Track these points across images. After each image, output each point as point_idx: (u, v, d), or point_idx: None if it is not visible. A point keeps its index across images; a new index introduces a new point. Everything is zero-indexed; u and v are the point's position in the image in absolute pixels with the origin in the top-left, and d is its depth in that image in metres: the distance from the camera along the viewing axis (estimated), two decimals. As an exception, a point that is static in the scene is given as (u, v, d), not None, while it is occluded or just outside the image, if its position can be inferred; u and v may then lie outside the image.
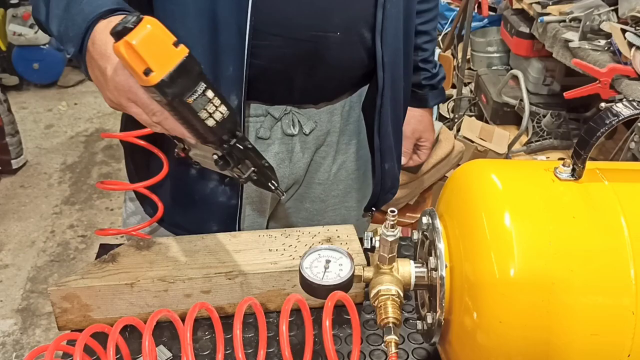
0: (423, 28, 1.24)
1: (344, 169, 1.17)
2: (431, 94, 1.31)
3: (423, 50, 1.26)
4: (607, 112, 0.66)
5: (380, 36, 1.01)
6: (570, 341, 0.63)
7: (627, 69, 1.86)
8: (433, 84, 1.29)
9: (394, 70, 1.07)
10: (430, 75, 1.28)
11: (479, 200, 0.69)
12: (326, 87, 1.06)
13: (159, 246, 0.96)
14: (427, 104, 1.32)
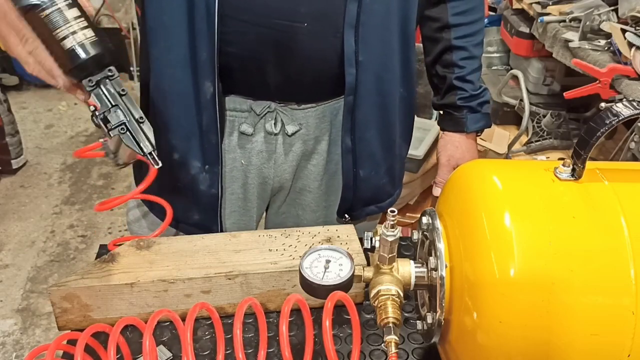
0: (458, 43, 1.16)
1: (335, 178, 1.14)
2: (470, 117, 1.19)
3: (459, 68, 1.16)
4: (607, 112, 0.66)
5: (355, 31, 0.97)
6: (570, 341, 0.63)
7: (627, 69, 1.86)
8: (471, 105, 1.18)
9: (379, 72, 1.03)
10: (468, 95, 1.18)
11: (479, 200, 0.69)
12: (301, 82, 1.02)
13: (159, 246, 0.96)
14: (465, 128, 1.20)
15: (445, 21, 1.16)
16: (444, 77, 1.19)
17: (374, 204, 1.17)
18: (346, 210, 1.14)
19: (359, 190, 1.11)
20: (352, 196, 1.12)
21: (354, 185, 1.10)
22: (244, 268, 0.91)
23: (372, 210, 1.17)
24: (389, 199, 1.20)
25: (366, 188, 1.12)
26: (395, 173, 1.19)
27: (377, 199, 1.17)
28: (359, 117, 1.04)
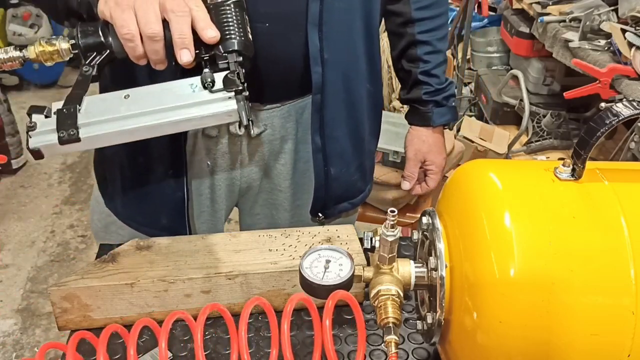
0: (422, 38, 1.16)
1: (306, 176, 1.13)
2: (436, 112, 1.20)
3: (424, 62, 1.17)
4: (607, 112, 0.66)
5: (319, 30, 0.95)
6: (570, 341, 0.63)
7: (627, 69, 1.86)
8: (437, 100, 1.19)
9: (347, 71, 1.02)
10: (434, 90, 1.19)
11: (479, 200, 0.69)
12: (266, 83, 1.00)
13: (159, 246, 0.96)
14: (431, 123, 1.21)
15: (408, 16, 1.16)
16: (410, 71, 1.19)
17: (346, 200, 1.16)
18: (319, 209, 1.13)
19: (330, 188, 1.10)
20: (324, 195, 1.11)
21: (325, 184, 1.09)
22: (244, 268, 0.91)
23: (345, 207, 1.16)
24: (361, 194, 1.20)
25: (338, 186, 1.11)
26: (365, 169, 1.19)
27: (349, 195, 1.16)
28: (328, 116, 1.03)
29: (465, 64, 3.06)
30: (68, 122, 0.71)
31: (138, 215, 1.11)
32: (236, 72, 0.75)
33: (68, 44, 0.77)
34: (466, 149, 2.36)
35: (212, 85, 0.74)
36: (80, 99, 0.74)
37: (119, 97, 0.75)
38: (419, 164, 1.26)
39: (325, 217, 1.14)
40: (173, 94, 0.74)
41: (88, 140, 0.72)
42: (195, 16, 0.74)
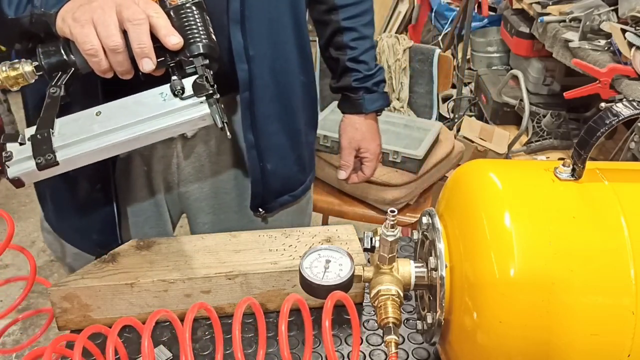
0: (347, 24, 1.15)
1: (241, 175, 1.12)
2: (367, 98, 1.20)
3: (351, 49, 1.16)
4: (607, 112, 0.66)
5: (241, 27, 0.93)
6: (570, 341, 0.63)
7: (627, 69, 1.87)
8: (367, 86, 1.19)
9: (273, 64, 1.00)
10: (363, 76, 1.18)
11: (479, 200, 0.69)
12: None
13: (159, 246, 0.96)
14: (363, 110, 1.21)
15: (331, 3, 1.15)
16: (337, 59, 1.18)
17: (287, 193, 1.15)
18: (259, 205, 1.12)
19: (268, 183, 1.09)
20: (262, 190, 1.09)
21: (262, 179, 1.08)
22: (244, 268, 0.91)
23: (286, 200, 1.15)
24: (302, 186, 1.18)
25: (276, 180, 1.10)
26: (304, 161, 1.17)
27: (289, 188, 1.15)
28: (259, 112, 1.01)
29: (465, 64, 3.07)
30: (44, 148, 0.72)
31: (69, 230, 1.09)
32: (204, 76, 0.75)
33: (31, 66, 0.76)
34: (466, 149, 2.36)
35: (182, 92, 0.74)
36: (52, 122, 0.74)
37: (91, 115, 0.75)
38: (354, 152, 1.26)
39: (266, 212, 1.13)
40: (145, 106, 0.75)
41: (66, 163, 0.73)
42: (155, 24, 0.74)
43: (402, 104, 2.19)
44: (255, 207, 1.11)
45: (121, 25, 0.73)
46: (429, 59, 2.12)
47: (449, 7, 3.48)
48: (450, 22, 3.32)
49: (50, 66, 0.76)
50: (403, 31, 4.26)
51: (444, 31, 3.37)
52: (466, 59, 3.06)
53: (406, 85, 2.17)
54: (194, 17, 0.77)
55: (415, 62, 2.15)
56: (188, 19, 0.77)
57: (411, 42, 2.16)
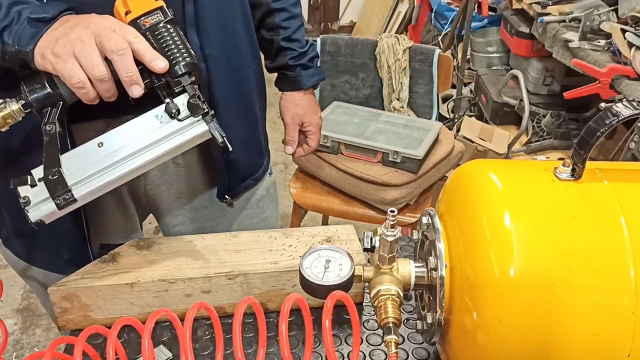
0: (277, 5, 1.19)
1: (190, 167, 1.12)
2: (304, 74, 1.24)
3: (283, 29, 1.20)
4: (607, 112, 0.66)
5: (196, 28, 0.95)
6: (570, 341, 0.63)
7: (627, 69, 1.87)
8: (303, 63, 1.23)
9: (230, 61, 1.02)
10: (298, 54, 1.22)
11: (479, 200, 0.69)
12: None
13: (159, 246, 0.96)
14: (302, 85, 1.25)
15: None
16: (271, 40, 1.22)
17: (249, 178, 1.18)
18: (225, 193, 1.14)
19: (232, 172, 1.11)
20: (228, 180, 1.12)
21: (227, 170, 1.10)
22: (244, 268, 0.91)
23: (249, 183, 1.18)
24: (261, 168, 1.22)
25: (239, 168, 1.13)
26: (262, 145, 1.21)
27: (251, 173, 1.18)
28: (219, 107, 1.02)
29: (465, 64, 3.07)
30: (59, 188, 0.74)
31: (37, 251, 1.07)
32: (195, 94, 0.76)
33: (18, 104, 0.75)
34: (466, 149, 2.36)
35: (178, 113, 0.76)
36: (58, 160, 0.75)
37: (94, 147, 0.77)
38: (298, 127, 1.31)
39: (232, 198, 1.16)
40: (144, 131, 0.77)
41: (83, 198, 0.76)
42: (137, 49, 0.74)
43: (402, 104, 2.19)
44: (222, 195, 1.14)
45: (102, 54, 0.74)
46: (429, 59, 2.12)
47: (449, 7, 3.48)
48: (450, 22, 3.32)
49: (38, 102, 0.76)
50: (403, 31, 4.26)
51: (444, 31, 3.37)
52: (466, 59, 3.06)
53: (406, 85, 2.17)
54: (171, 36, 0.78)
55: (415, 62, 2.14)
56: (165, 39, 0.78)
57: (411, 42, 2.15)
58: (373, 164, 1.89)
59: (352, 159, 1.91)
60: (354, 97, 2.25)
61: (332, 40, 2.19)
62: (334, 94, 2.26)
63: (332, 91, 2.26)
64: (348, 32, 4.93)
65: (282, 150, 1.38)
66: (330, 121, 2.02)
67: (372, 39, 2.19)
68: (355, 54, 2.19)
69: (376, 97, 2.24)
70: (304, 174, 2.05)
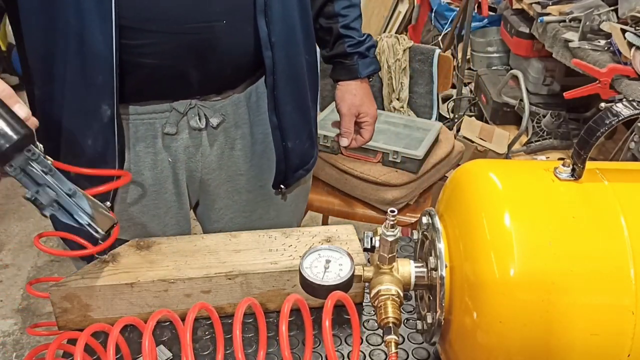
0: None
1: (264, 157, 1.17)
2: (361, 63, 1.24)
3: (343, 17, 1.21)
4: (607, 112, 0.66)
5: (265, 16, 0.98)
6: (570, 341, 0.63)
7: (627, 69, 1.87)
8: (360, 51, 1.24)
9: (288, 48, 1.05)
10: (356, 42, 1.23)
11: (479, 200, 0.69)
12: (222, 75, 1.03)
13: (159, 246, 0.96)
14: (359, 74, 1.25)
15: None
16: (330, 28, 1.23)
17: (302, 168, 1.21)
18: (281, 181, 1.18)
19: (289, 160, 1.15)
20: (285, 167, 1.15)
21: (285, 157, 1.13)
22: (244, 268, 0.91)
23: (301, 174, 1.21)
24: (312, 159, 1.24)
25: (294, 157, 1.15)
26: (313, 135, 1.23)
27: (304, 162, 1.21)
28: (279, 94, 1.07)
29: (465, 64, 3.06)
30: None
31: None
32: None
33: None
34: (466, 149, 2.36)
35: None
36: None
37: None
38: (354, 118, 1.28)
39: (286, 187, 1.19)
40: None
41: None
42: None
43: (402, 104, 2.19)
44: (278, 184, 1.18)
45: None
46: (429, 59, 2.12)
47: (449, 7, 3.48)
48: (450, 22, 3.32)
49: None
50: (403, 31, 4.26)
51: (444, 31, 3.37)
52: (466, 59, 3.06)
53: (406, 85, 2.17)
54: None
55: (415, 62, 2.14)
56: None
57: (411, 42, 2.16)
58: (373, 164, 1.89)
59: (352, 159, 1.91)
60: (354, 97, 2.25)
61: (332, 40, 2.19)
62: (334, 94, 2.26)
63: (332, 91, 2.26)
64: (348, 32, 4.92)
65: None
66: (330, 121, 2.02)
67: (372, 39, 2.18)
68: (355, 54, 2.19)
69: (376, 97, 2.24)
70: (304, 174, 2.05)
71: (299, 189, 1.27)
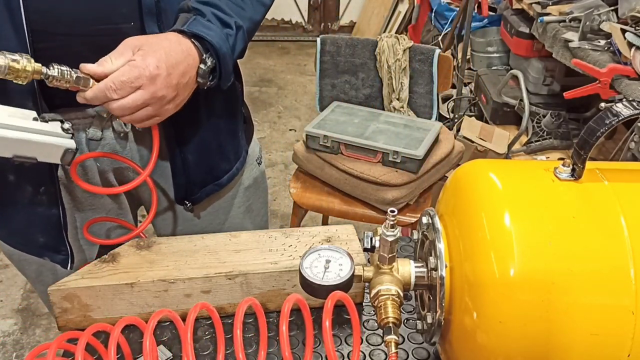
0: None
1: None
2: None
3: None
4: (607, 112, 0.66)
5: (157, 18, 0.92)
6: (570, 341, 0.63)
7: (627, 69, 1.87)
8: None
9: None
10: None
11: (479, 200, 0.69)
12: None
13: (159, 246, 0.96)
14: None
15: None
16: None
17: (212, 183, 1.14)
18: (183, 197, 1.11)
19: (190, 174, 1.08)
20: (185, 181, 1.09)
21: (184, 171, 1.07)
22: (244, 268, 0.91)
23: (212, 189, 1.14)
24: (226, 175, 1.16)
25: (198, 170, 1.09)
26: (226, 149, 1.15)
27: (214, 177, 1.14)
28: None
29: (465, 64, 3.07)
30: None
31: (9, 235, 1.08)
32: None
33: None
34: (466, 149, 2.36)
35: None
36: None
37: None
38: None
39: (193, 203, 1.13)
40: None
41: None
42: None
43: (402, 104, 2.19)
44: (181, 199, 1.12)
45: None
46: (429, 59, 2.12)
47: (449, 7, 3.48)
48: (450, 22, 3.32)
49: None
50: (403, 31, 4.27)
51: (444, 31, 3.37)
52: (466, 59, 3.06)
53: (406, 85, 2.16)
54: None
55: (415, 62, 2.14)
56: None
57: (411, 42, 2.15)
58: (373, 164, 1.89)
59: (352, 159, 1.91)
60: (354, 97, 2.25)
61: (332, 40, 2.19)
62: (334, 94, 2.26)
63: (332, 91, 2.26)
64: (348, 32, 4.93)
65: (282, 150, 1.37)
66: (330, 121, 2.02)
67: (372, 39, 2.19)
68: (355, 54, 2.19)
69: (376, 97, 2.24)
70: (304, 174, 2.05)
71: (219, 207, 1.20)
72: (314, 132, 1.95)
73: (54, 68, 0.80)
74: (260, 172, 1.28)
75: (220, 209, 1.21)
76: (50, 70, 0.80)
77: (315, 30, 5.02)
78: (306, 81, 4.33)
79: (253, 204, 1.27)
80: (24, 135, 0.79)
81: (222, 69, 0.92)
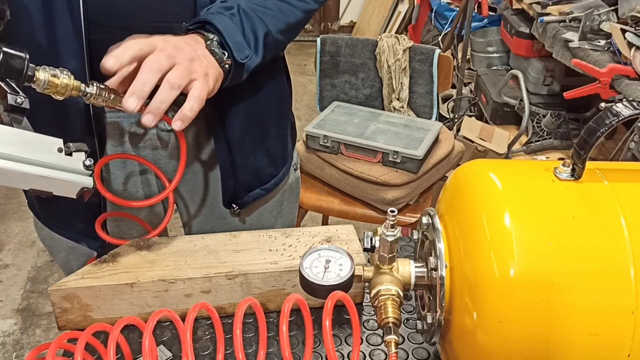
0: None
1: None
2: None
3: None
4: (607, 112, 0.66)
5: None
6: (570, 341, 0.63)
7: (627, 69, 1.87)
8: None
9: None
10: None
11: (479, 200, 0.69)
12: None
13: (159, 246, 0.96)
14: None
15: None
16: None
17: (258, 187, 1.14)
18: (231, 200, 1.11)
19: (238, 177, 1.08)
20: (233, 184, 1.09)
21: (233, 173, 1.07)
22: (244, 268, 0.91)
23: (259, 193, 1.14)
24: (273, 179, 1.16)
25: (246, 173, 1.09)
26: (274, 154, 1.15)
27: (260, 181, 1.14)
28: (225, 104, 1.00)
29: (465, 64, 3.07)
30: None
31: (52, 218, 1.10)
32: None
33: None
34: (466, 149, 2.36)
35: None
36: None
37: None
38: None
39: (240, 207, 1.12)
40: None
41: None
42: None
43: (402, 104, 2.19)
44: (228, 202, 1.11)
45: None
46: (429, 59, 2.12)
47: (449, 7, 3.49)
48: (450, 22, 3.32)
49: None
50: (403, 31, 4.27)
51: (444, 31, 3.37)
52: (466, 59, 3.06)
53: (406, 85, 2.17)
54: None
55: (415, 62, 2.15)
56: None
57: (411, 42, 2.16)
58: (373, 164, 1.89)
59: (352, 159, 1.92)
60: (354, 97, 2.25)
61: (332, 40, 2.19)
62: (334, 94, 2.26)
63: (332, 91, 2.26)
64: (348, 32, 4.93)
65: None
66: (330, 121, 2.02)
67: (372, 39, 2.19)
68: (355, 54, 2.19)
69: (376, 97, 2.25)
70: (304, 174, 2.05)
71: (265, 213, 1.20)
72: (314, 132, 1.95)
73: (93, 86, 0.80)
74: (295, 178, 1.27)
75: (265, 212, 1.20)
76: (88, 88, 0.80)
77: (315, 30, 5.02)
78: (306, 81, 4.33)
79: (285, 209, 1.27)
80: (42, 172, 0.78)
81: (228, 41, 0.90)
